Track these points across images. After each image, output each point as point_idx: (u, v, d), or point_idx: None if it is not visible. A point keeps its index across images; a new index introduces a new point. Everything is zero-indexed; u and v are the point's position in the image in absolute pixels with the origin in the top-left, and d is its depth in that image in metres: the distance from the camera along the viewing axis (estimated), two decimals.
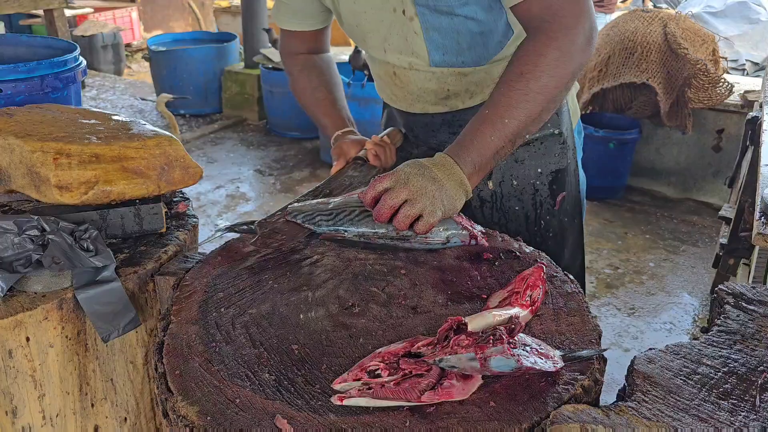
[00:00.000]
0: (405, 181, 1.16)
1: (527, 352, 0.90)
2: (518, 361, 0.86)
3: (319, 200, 1.29)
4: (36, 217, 1.15)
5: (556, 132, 1.51)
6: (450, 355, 0.87)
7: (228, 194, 4.59)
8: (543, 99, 1.19)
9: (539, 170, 1.53)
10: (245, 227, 1.28)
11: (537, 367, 0.88)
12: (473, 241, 1.25)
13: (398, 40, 1.39)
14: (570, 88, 1.25)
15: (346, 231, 1.24)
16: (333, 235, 1.24)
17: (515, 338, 0.91)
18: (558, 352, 0.94)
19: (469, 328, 0.93)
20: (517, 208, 1.53)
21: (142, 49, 8.39)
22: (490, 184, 1.53)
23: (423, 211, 1.15)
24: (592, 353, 0.96)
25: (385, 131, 1.58)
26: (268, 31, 5.46)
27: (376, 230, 1.23)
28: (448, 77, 1.41)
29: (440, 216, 1.17)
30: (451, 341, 0.89)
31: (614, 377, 1.72)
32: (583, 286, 1.60)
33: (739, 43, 6.24)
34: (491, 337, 0.89)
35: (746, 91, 4.21)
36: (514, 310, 1.01)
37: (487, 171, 1.24)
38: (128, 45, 8.69)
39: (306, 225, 1.26)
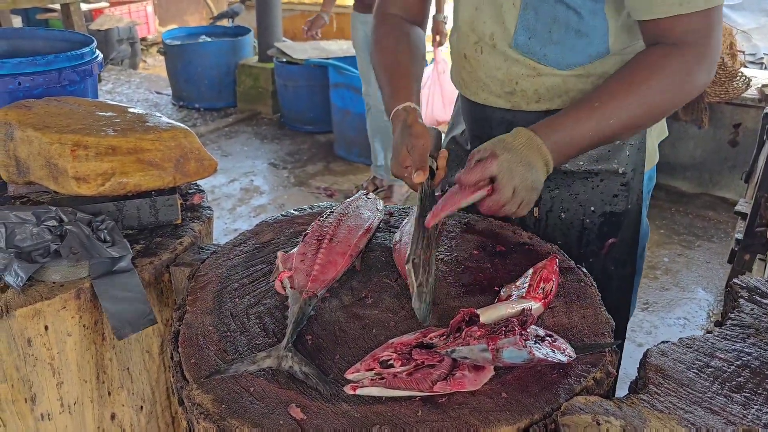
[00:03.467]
0: (509, 171, 1.10)
1: (540, 344, 0.91)
2: (530, 352, 0.87)
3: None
4: (54, 208, 1.17)
5: (620, 171, 1.37)
6: (462, 346, 0.88)
7: (242, 187, 4.61)
8: (651, 111, 1.17)
9: (592, 208, 1.40)
10: None
11: (549, 359, 0.88)
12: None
13: (493, 5, 1.30)
14: (678, 106, 1.22)
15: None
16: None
17: (527, 330, 0.91)
18: (570, 345, 0.94)
19: (482, 319, 0.93)
20: (559, 242, 1.40)
21: (157, 43, 8.43)
22: (536, 211, 1.42)
23: (521, 205, 1.13)
24: (605, 345, 0.96)
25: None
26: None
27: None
28: (521, 70, 1.31)
29: (531, 205, 1.16)
30: (464, 332, 0.90)
31: (627, 372, 1.71)
32: (621, 346, 1.50)
33: (757, 36, 6.15)
34: (503, 328, 0.89)
35: (764, 85, 4.16)
36: (526, 303, 1.02)
37: (565, 161, 1.21)
38: (143, 39, 8.73)
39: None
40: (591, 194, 1.39)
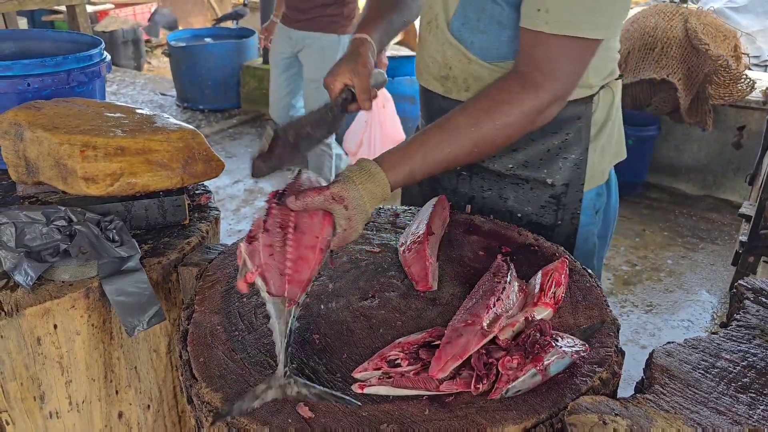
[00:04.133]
0: (355, 233, 1.07)
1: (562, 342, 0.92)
2: (570, 355, 0.88)
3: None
4: (63, 208, 1.18)
5: (549, 182, 1.35)
6: (513, 382, 0.86)
7: (246, 188, 4.63)
8: (487, 142, 1.15)
9: (519, 215, 1.40)
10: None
11: (581, 354, 0.90)
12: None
13: None
14: (511, 138, 1.18)
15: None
16: None
17: (552, 335, 0.92)
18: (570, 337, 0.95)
19: (500, 337, 0.94)
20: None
21: (162, 45, 8.46)
22: (468, 208, 1.43)
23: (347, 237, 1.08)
24: (600, 326, 1.00)
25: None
26: None
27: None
28: (455, 54, 1.32)
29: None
30: (500, 364, 0.89)
31: (631, 374, 1.71)
32: None
33: (761, 38, 6.15)
34: (537, 345, 0.90)
35: None
36: (534, 312, 1.02)
37: (408, 183, 1.17)
38: (148, 41, 8.76)
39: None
40: (519, 201, 1.39)
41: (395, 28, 1.50)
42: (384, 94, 3.85)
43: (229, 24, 7.24)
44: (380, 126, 3.89)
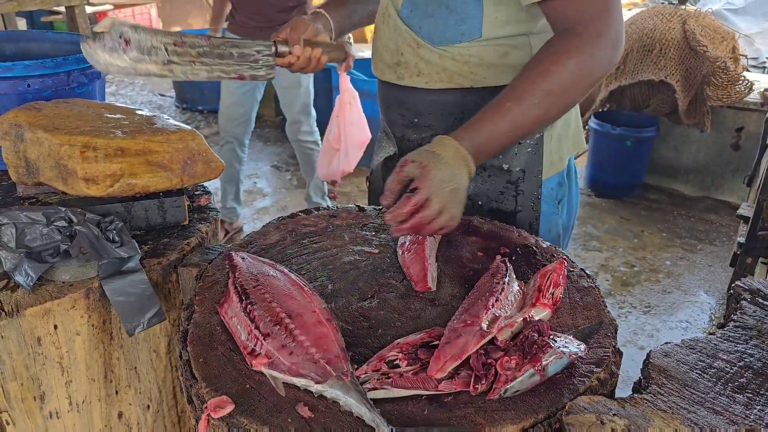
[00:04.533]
0: (441, 190, 1.12)
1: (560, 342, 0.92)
2: (568, 356, 0.89)
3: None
4: (64, 209, 1.18)
5: (505, 167, 1.38)
6: (511, 382, 0.87)
7: (245, 189, 4.63)
8: (561, 100, 1.18)
9: (480, 203, 1.42)
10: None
11: (579, 354, 0.91)
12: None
13: None
14: (589, 89, 1.21)
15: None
16: None
17: (550, 335, 0.93)
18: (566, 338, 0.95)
19: (499, 338, 0.94)
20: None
21: None
22: None
23: (451, 220, 1.15)
24: (598, 326, 1.00)
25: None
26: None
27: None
28: (406, 40, 1.35)
29: (459, 218, 1.17)
30: (497, 365, 0.89)
31: (630, 375, 1.72)
32: None
33: (759, 40, 6.16)
34: (535, 346, 0.90)
35: (766, 89, 4.17)
36: (532, 312, 1.02)
37: (486, 159, 1.23)
38: None
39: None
40: (479, 188, 1.42)
41: (358, 16, 1.57)
42: (351, 91, 3.87)
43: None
44: (346, 124, 3.82)
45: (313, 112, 3.84)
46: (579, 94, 1.21)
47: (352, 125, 3.72)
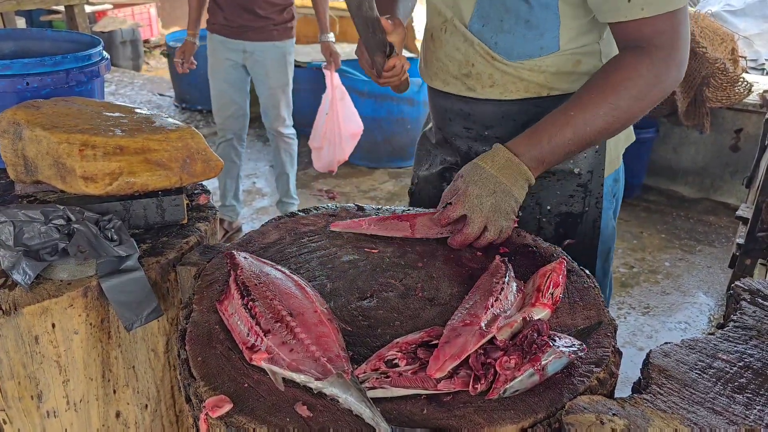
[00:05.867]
0: (479, 206, 1.19)
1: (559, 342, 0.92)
2: (568, 355, 0.89)
3: None
4: (62, 207, 1.18)
5: (576, 171, 1.40)
6: (510, 382, 0.86)
7: (244, 189, 4.63)
8: (626, 115, 1.21)
9: (548, 207, 1.43)
10: None
11: (574, 351, 0.90)
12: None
13: None
14: (651, 108, 1.24)
15: None
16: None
17: (550, 335, 0.93)
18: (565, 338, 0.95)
19: (499, 338, 0.93)
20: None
21: (160, 46, 8.46)
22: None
23: (500, 233, 1.22)
24: (597, 326, 0.99)
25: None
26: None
27: None
28: (478, 52, 1.34)
29: (511, 228, 1.24)
30: (497, 365, 0.89)
31: (629, 376, 1.72)
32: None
33: (758, 42, 6.16)
34: (535, 346, 0.90)
35: (765, 91, 4.17)
36: (532, 312, 1.02)
37: (546, 169, 1.26)
38: (146, 41, 8.76)
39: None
40: (547, 193, 1.42)
41: (410, 7, 1.57)
42: (341, 88, 3.99)
43: None
44: (340, 118, 4.09)
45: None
46: (642, 112, 1.23)
47: (346, 119, 4.01)
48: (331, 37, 3.81)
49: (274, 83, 3.68)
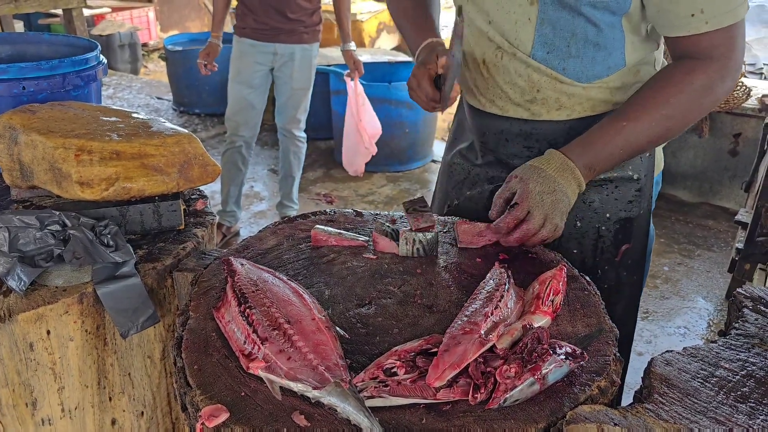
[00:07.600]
0: (540, 202, 1.19)
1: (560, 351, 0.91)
2: (568, 364, 0.88)
3: None
4: (57, 213, 1.17)
5: (635, 177, 1.38)
6: (510, 391, 0.85)
7: (242, 193, 4.61)
8: (677, 124, 1.23)
9: (608, 215, 1.40)
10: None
11: (575, 359, 0.89)
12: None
13: (507, 20, 1.30)
14: (701, 117, 1.26)
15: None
16: None
17: (550, 344, 0.92)
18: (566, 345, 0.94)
19: (498, 346, 0.92)
20: (575, 251, 1.40)
21: (159, 49, 8.46)
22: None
23: (554, 230, 1.21)
24: (598, 334, 0.99)
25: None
26: None
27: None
28: (542, 78, 1.31)
29: (562, 228, 1.24)
30: (498, 373, 0.88)
31: (627, 381, 1.71)
32: (627, 353, 1.56)
33: (756, 47, 6.18)
34: (535, 354, 0.89)
35: (764, 95, 4.17)
36: (529, 319, 1.01)
37: (598, 174, 1.28)
38: (145, 45, 8.76)
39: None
40: (606, 201, 1.40)
41: (437, 18, 1.57)
42: (362, 94, 4.23)
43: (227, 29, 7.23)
44: (364, 122, 4.27)
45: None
46: (694, 121, 1.25)
47: (368, 122, 4.27)
48: (353, 45, 3.83)
49: (297, 85, 3.70)
